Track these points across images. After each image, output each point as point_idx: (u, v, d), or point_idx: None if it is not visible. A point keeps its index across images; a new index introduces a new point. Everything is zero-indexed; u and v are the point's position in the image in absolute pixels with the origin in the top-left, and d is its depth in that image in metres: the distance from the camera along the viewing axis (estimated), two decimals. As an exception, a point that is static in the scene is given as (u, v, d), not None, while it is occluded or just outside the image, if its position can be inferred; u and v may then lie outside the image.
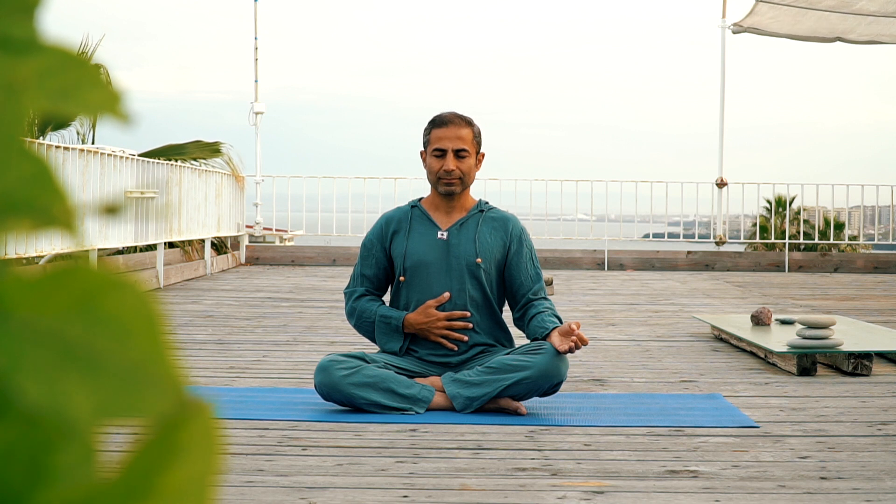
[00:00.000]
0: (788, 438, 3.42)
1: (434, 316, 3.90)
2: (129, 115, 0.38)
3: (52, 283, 0.37)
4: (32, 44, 0.37)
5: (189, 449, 0.37)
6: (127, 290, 0.37)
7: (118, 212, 0.37)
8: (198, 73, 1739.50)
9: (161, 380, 0.37)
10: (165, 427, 0.37)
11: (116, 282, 0.37)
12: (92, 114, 0.37)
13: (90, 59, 0.37)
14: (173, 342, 0.37)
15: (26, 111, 0.36)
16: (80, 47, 12.09)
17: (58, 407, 0.36)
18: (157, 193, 8.92)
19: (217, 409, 0.38)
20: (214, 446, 0.37)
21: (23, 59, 0.37)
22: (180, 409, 0.37)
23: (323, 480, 2.86)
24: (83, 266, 0.37)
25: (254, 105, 12.72)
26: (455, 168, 3.94)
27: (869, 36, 12.56)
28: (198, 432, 0.37)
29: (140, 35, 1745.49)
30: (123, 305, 0.37)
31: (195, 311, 7.20)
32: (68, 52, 0.38)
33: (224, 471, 0.38)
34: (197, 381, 4.42)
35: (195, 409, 0.37)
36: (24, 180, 0.36)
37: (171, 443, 0.37)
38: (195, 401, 0.37)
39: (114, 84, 0.38)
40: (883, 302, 8.67)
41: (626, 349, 5.55)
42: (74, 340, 0.36)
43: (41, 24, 0.38)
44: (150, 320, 0.37)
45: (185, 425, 0.37)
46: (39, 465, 0.36)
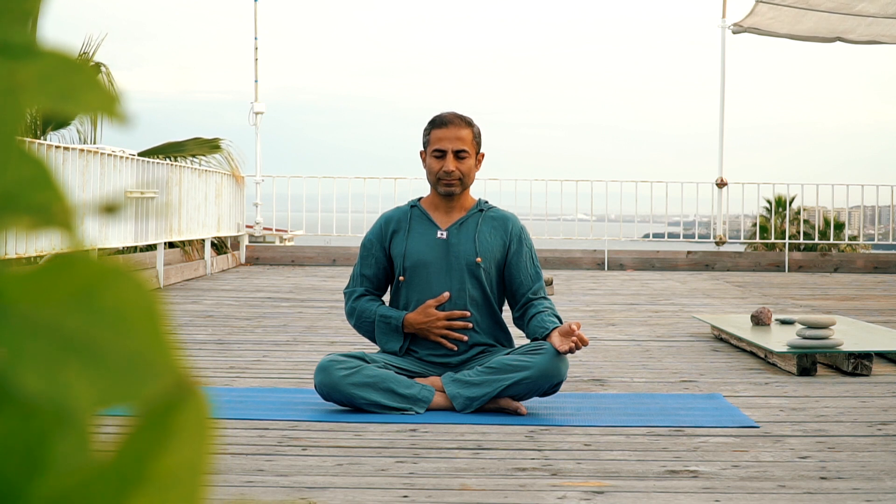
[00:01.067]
0: (788, 438, 3.42)
1: (434, 316, 3.90)
2: (126, 116, 0.38)
3: (51, 274, 0.37)
4: (31, 49, 0.37)
5: (181, 434, 0.37)
6: (125, 280, 0.37)
7: (117, 211, 0.38)
8: (198, 73, 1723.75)
9: (160, 369, 0.37)
10: (157, 412, 0.37)
11: (114, 271, 0.37)
12: (91, 115, 0.37)
13: (89, 61, 0.37)
14: (172, 332, 0.38)
15: (24, 113, 0.37)
16: (82, 47, 12.09)
17: (57, 397, 0.36)
18: (157, 193, 8.92)
19: (210, 397, 0.38)
20: (207, 431, 0.37)
21: (22, 63, 0.37)
22: (174, 394, 0.37)
23: (323, 480, 2.86)
24: (81, 257, 0.37)
25: (254, 105, 12.72)
26: (455, 169, 3.93)
27: (869, 36, 12.56)
28: (190, 417, 0.37)
29: (140, 35, 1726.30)
30: (122, 295, 0.37)
31: (195, 311, 7.20)
32: (67, 56, 0.38)
33: (217, 457, 0.38)
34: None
35: (187, 394, 0.37)
36: (23, 181, 0.36)
37: (163, 427, 0.37)
38: (188, 386, 0.37)
39: (112, 86, 0.38)
40: (883, 302, 8.67)
41: (626, 349, 5.55)
42: (73, 331, 0.36)
43: (40, 30, 0.38)
44: (149, 310, 0.37)
45: (177, 410, 0.37)
46: (37, 454, 0.36)
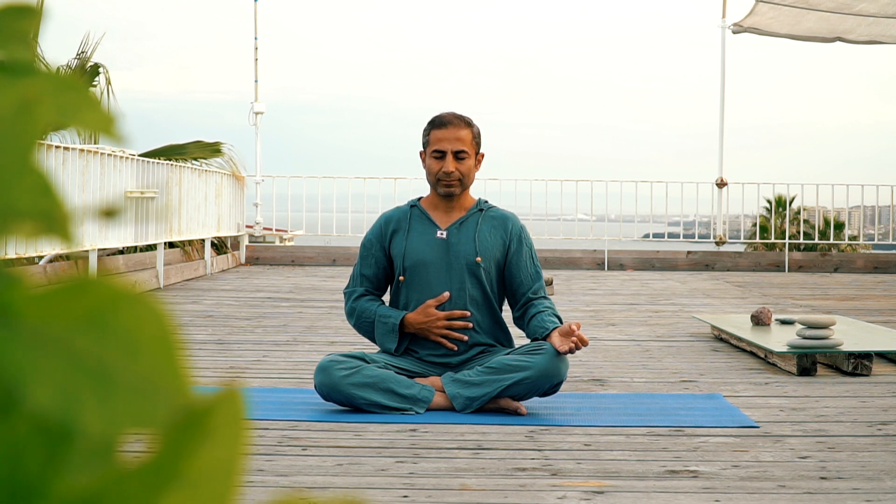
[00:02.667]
0: (788, 438, 3.42)
1: (434, 315, 3.90)
2: (122, 136, 0.39)
3: (65, 294, 0.37)
4: (29, 69, 0.38)
5: (216, 433, 0.37)
6: (140, 304, 0.37)
7: (117, 215, 0.38)
8: (198, 73, 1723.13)
9: (172, 394, 0.37)
10: (193, 411, 0.37)
11: (130, 295, 0.37)
12: (88, 132, 0.38)
13: (86, 83, 0.38)
14: (186, 358, 0.38)
15: (39, 127, 0.37)
16: (80, 47, 12.09)
17: (67, 414, 0.36)
18: (157, 193, 8.92)
19: (246, 394, 0.38)
20: (242, 430, 0.38)
21: (23, 81, 0.37)
22: (214, 395, 0.37)
23: (323, 480, 2.86)
24: (96, 279, 0.37)
25: (254, 105, 12.72)
26: (454, 170, 3.93)
27: (869, 36, 12.56)
28: (225, 416, 0.37)
29: (140, 35, 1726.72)
30: (136, 319, 0.37)
31: (195, 311, 7.20)
32: (64, 77, 0.38)
33: (250, 455, 0.38)
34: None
35: (223, 394, 0.37)
36: (28, 190, 0.37)
37: (199, 426, 0.37)
38: (224, 386, 0.38)
39: (109, 106, 0.39)
40: (883, 302, 8.67)
41: (626, 349, 5.55)
42: (84, 351, 0.37)
43: (38, 49, 0.38)
44: (163, 335, 0.38)
45: (213, 409, 0.37)
46: (54, 457, 0.36)
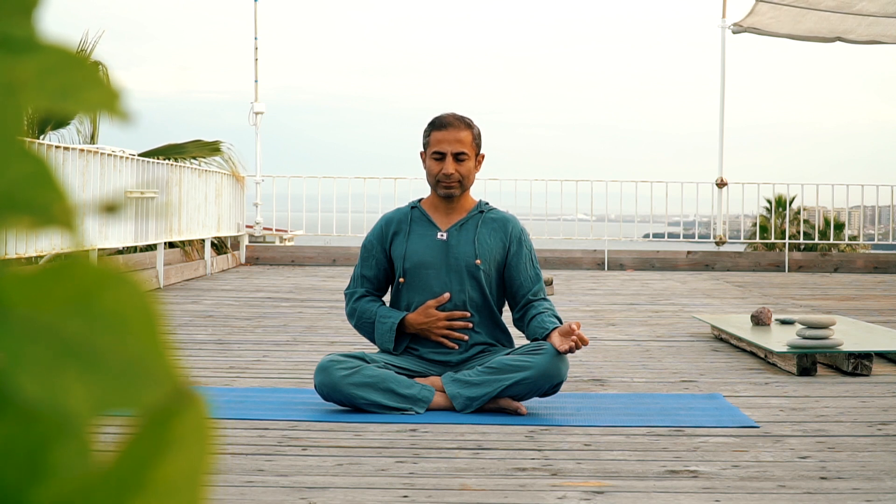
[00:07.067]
0: (788, 438, 3.42)
1: (434, 316, 3.90)
2: (128, 113, 0.38)
3: (50, 278, 0.37)
4: (31, 43, 0.37)
5: (181, 442, 0.37)
6: (124, 286, 0.37)
7: (118, 210, 0.38)
8: (198, 73, 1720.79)
9: (159, 375, 0.37)
10: (157, 419, 0.37)
11: (114, 277, 0.37)
12: (91, 112, 0.37)
13: (89, 57, 0.37)
14: (171, 337, 0.37)
15: (24, 110, 0.36)
16: (79, 45, 12.09)
17: (56, 402, 0.36)
18: (157, 193, 8.92)
19: (210, 403, 0.38)
20: (207, 439, 0.37)
21: (22, 58, 0.37)
22: (174, 400, 0.37)
23: (323, 480, 2.86)
24: (81, 262, 0.37)
25: (254, 105, 12.72)
26: (454, 172, 3.93)
27: (869, 36, 12.56)
28: (190, 425, 0.37)
29: (140, 35, 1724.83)
30: (121, 301, 0.37)
31: (195, 311, 7.20)
32: (67, 52, 0.38)
33: (217, 464, 0.38)
34: (197, 381, 4.42)
35: (187, 402, 0.37)
36: (23, 179, 0.36)
37: (163, 435, 0.37)
38: (187, 393, 0.37)
39: (113, 83, 0.38)
40: (883, 302, 8.67)
41: (626, 349, 5.55)
42: (72, 336, 0.36)
43: (40, 24, 0.38)
44: (148, 315, 0.37)
45: (176, 417, 0.37)
46: (37, 460, 0.36)
